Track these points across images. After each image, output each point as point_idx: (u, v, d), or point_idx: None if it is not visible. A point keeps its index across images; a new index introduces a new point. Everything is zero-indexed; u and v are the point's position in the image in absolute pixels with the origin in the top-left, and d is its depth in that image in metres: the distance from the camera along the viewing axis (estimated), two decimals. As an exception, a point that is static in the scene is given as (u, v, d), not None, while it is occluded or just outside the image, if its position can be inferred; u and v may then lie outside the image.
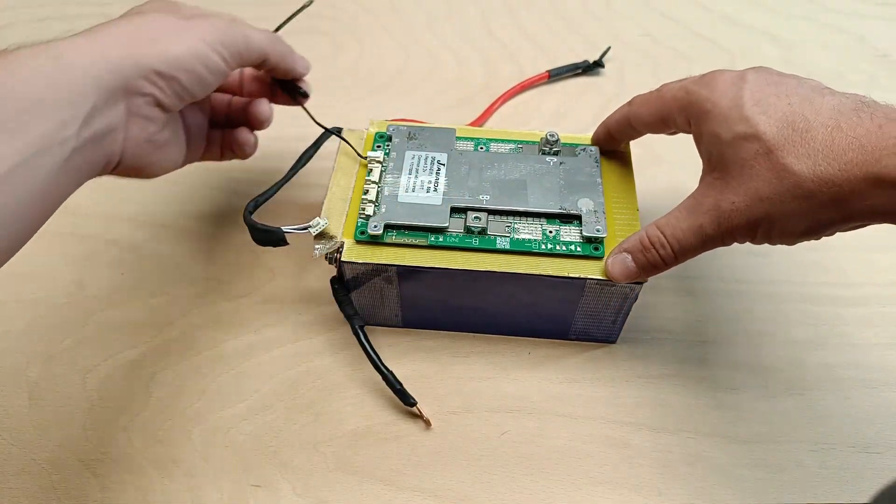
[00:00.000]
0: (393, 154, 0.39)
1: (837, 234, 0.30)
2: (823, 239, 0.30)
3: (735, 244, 0.32)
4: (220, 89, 0.40)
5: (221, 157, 0.41)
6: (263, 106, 0.40)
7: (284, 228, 0.36)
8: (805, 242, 0.31)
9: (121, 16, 0.32)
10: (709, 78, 0.33)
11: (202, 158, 0.40)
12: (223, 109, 0.41)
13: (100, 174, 0.31)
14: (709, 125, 0.32)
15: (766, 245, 0.31)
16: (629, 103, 0.37)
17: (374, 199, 0.37)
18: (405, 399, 0.37)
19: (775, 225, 0.29)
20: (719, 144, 0.31)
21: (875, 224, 0.29)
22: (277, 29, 0.39)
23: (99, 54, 0.29)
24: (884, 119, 0.27)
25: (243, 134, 0.40)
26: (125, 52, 0.29)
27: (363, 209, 0.37)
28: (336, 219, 0.37)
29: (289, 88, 0.39)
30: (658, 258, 0.33)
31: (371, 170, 0.38)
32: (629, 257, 0.34)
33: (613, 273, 0.34)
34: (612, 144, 0.40)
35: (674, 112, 0.34)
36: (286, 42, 0.38)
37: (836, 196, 0.27)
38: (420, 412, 0.37)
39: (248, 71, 0.40)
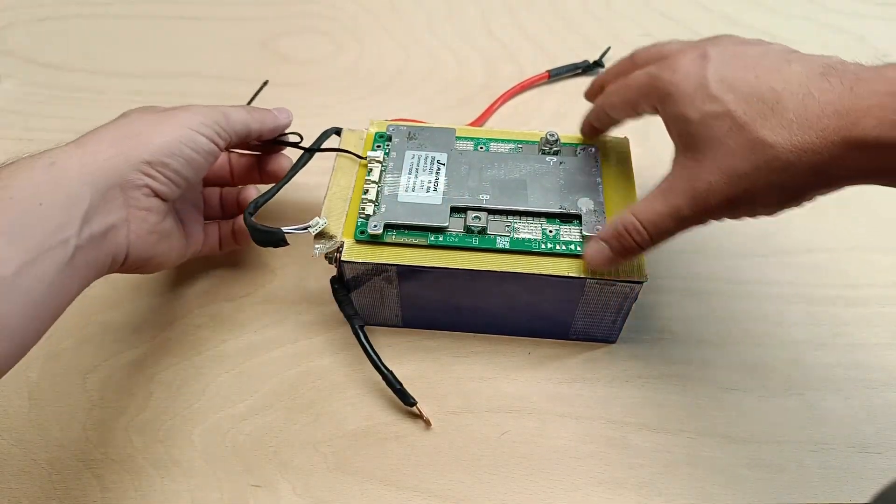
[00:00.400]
0: (393, 154, 0.39)
1: (836, 235, 0.30)
2: (822, 240, 0.30)
3: (730, 239, 0.32)
4: (212, 181, 0.42)
5: (221, 249, 0.42)
6: (252, 192, 0.41)
7: (285, 229, 0.36)
8: (805, 244, 0.30)
9: (107, 123, 0.34)
10: (671, 60, 0.32)
11: (201, 253, 0.40)
12: (215, 202, 0.42)
13: (108, 272, 0.33)
14: (675, 108, 0.31)
15: (767, 246, 0.31)
16: (604, 93, 0.37)
17: (373, 199, 0.37)
18: (405, 399, 0.37)
19: (756, 199, 0.29)
20: (688, 125, 0.31)
21: (854, 185, 0.28)
22: (250, 101, 0.40)
23: (89, 157, 0.31)
24: (854, 80, 0.27)
25: None
26: (114, 151, 0.32)
27: (363, 209, 0.37)
28: (336, 219, 0.37)
29: (281, 143, 0.41)
30: (633, 243, 0.33)
31: (371, 169, 0.38)
32: (605, 245, 0.34)
33: (590, 260, 0.34)
34: (599, 133, 0.40)
35: (639, 99, 0.34)
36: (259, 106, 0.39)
37: (816, 163, 0.27)
38: (420, 412, 0.37)
39: (235, 157, 0.42)
